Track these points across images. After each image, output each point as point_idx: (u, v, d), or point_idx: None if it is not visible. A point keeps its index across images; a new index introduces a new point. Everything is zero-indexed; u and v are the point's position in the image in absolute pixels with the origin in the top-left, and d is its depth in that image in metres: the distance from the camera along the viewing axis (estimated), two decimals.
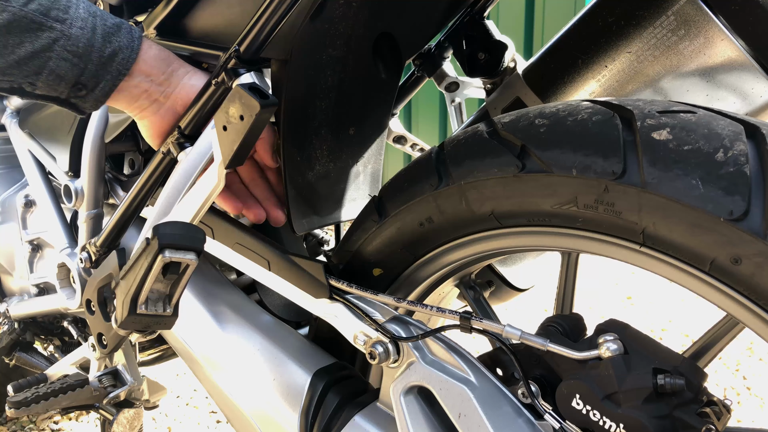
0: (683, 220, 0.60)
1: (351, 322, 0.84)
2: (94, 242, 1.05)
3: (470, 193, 0.75)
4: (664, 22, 0.83)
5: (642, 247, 0.65)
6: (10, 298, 1.53)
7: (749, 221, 0.57)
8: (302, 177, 0.92)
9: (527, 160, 0.70)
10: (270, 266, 0.91)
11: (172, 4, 0.89)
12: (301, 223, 0.93)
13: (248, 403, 0.98)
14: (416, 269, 0.88)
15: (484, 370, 0.77)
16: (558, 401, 0.72)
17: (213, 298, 1.07)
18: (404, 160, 4.14)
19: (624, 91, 0.88)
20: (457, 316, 0.75)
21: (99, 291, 0.98)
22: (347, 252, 0.91)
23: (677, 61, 0.83)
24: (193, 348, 1.06)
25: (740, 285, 0.59)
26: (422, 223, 0.81)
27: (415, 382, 0.80)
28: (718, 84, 0.83)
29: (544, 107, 0.74)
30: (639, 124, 0.64)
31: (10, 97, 1.41)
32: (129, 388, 1.22)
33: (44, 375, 1.37)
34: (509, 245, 0.79)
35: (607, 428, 0.68)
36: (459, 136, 0.80)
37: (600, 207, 0.66)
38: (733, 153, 0.59)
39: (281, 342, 0.99)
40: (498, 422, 0.72)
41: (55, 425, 2.03)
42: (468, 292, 0.95)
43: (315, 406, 0.90)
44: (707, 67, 0.82)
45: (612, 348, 0.68)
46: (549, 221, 0.71)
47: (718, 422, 0.65)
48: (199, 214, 0.87)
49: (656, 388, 0.66)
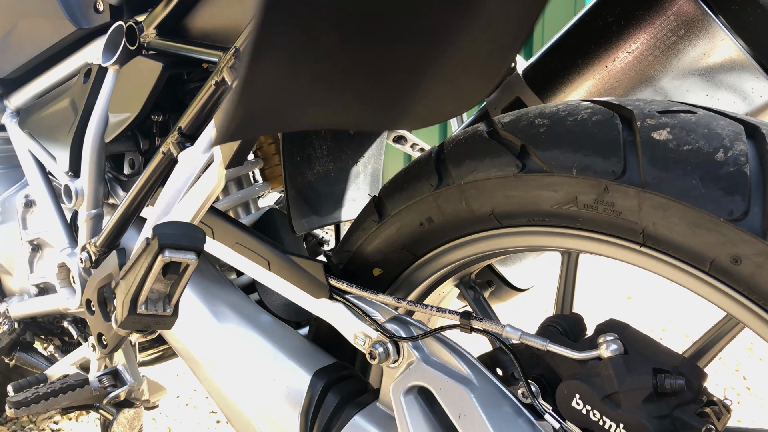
0: (683, 220, 0.60)
1: (351, 322, 0.84)
2: (94, 242, 1.05)
3: (470, 193, 0.75)
4: (664, 22, 0.83)
5: (642, 247, 0.65)
6: (10, 298, 1.53)
7: (749, 221, 0.57)
8: (302, 177, 0.92)
9: (527, 160, 0.70)
10: (270, 266, 0.91)
11: (172, 4, 0.90)
12: (301, 223, 0.93)
13: (248, 403, 0.98)
14: (416, 269, 0.88)
15: (484, 370, 0.77)
16: (558, 401, 0.72)
17: (213, 298, 1.07)
18: (404, 160, 4.14)
19: (624, 91, 0.88)
20: (457, 316, 0.75)
21: (99, 291, 0.98)
22: (347, 252, 0.91)
23: (677, 61, 0.83)
24: (193, 348, 1.06)
25: (740, 285, 0.59)
26: (422, 223, 0.81)
27: (415, 382, 0.79)
28: (718, 84, 0.83)
29: (544, 107, 0.74)
30: (639, 124, 0.64)
31: (10, 96, 1.41)
32: (129, 388, 1.22)
33: (44, 375, 1.37)
34: (509, 245, 0.79)
35: (607, 428, 0.68)
36: (459, 136, 0.80)
37: (600, 207, 0.66)
38: (733, 153, 0.59)
39: (281, 342, 0.99)
40: (498, 422, 0.72)
41: (55, 425, 2.03)
42: (468, 292, 0.95)
43: (315, 406, 0.90)
44: (707, 66, 0.82)
45: (612, 348, 0.68)
46: (549, 221, 0.71)
47: (718, 422, 0.65)
48: (199, 214, 0.87)
49: (656, 388, 0.66)
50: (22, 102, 1.39)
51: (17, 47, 1.28)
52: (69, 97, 1.18)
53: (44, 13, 1.18)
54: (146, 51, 0.98)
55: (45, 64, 1.27)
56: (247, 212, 1.23)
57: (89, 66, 1.14)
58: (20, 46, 1.27)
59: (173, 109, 1.07)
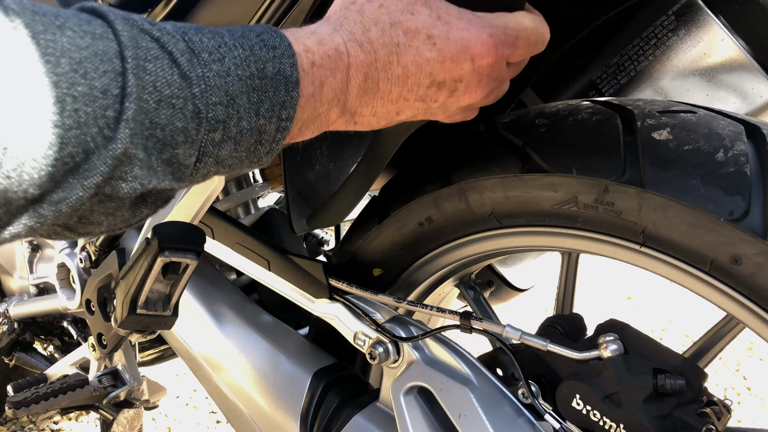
0: (683, 220, 0.60)
1: (351, 322, 0.84)
2: (93, 242, 1.05)
3: (470, 193, 0.75)
4: (665, 22, 0.83)
5: (642, 247, 0.65)
6: (10, 298, 1.52)
7: (749, 221, 0.57)
8: (302, 177, 0.92)
9: (527, 160, 0.70)
10: (270, 266, 0.91)
11: (172, 5, 0.89)
12: (301, 223, 0.93)
13: (248, 404, 0.98)
14: (416, 269, 0.88)
15: (484, 371, 0.77)
16: (558, 401, 0.72)
17: (213, 299, 1.07)
18: None
19: (624, 91, 0.88)
20: (457, 316, 0.75)
21: (99, 291, 0.98)
22: (347, 252, 0.91)
23: (677, 61, 0.83)
24: (193, 348, 1.06)
25: (740, 285, 0.59)
26: (422, 223, 0.81)
27: (415, 383, 0.79)
28: (719, 84, 0.83)
29: (545, 107, 0.74)
30: (639, 124, 0.64)
31: None
32: (129, 388, 1.22)
33: (44, 375, 1.37)
34: (509, 245, 0.79)
35: (607, 428, 0.68)
36: (459, 135, 0.79)
37: (600, 207, 0.66)
38: (733, 153, 0.59)
39: (281, 342, 0.99)
40: (498, 422, 0.72)
41: (55, 425, 2.03)
42: (468, 292, 0.95)
43: (315, 407, 0.90)
44: (707, 67, 0.82)
45: (612, 348, 0.68)
46: (549, 221, 0.71)
47: (719, 422, 0.65)
48: (199, 214, 0.87)
49: (656, 389, 0.66)
50: None
51: None
52: None
53: None
54: None
55: None
56: (247, 212, 1.23)
57: None
58: None
59: None
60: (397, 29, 0.53)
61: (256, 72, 0.47)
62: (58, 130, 0.37)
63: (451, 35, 0.53)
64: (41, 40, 0.37)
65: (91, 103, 0.39)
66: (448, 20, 0.54)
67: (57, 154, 0.38)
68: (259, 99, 0.47)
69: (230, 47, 0.47)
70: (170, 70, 0.43)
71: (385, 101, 0.55)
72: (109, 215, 0.43)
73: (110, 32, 0.41)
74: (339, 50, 0.52)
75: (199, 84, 0.44)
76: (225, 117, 0.45)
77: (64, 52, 0.38)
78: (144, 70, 0.41)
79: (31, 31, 0.37)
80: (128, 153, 0.41)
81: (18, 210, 0.38)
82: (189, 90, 0.43)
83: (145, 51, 0.42)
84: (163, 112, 0.42)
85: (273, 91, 0.48)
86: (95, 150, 0.39)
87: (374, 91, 0.54)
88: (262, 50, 0.48)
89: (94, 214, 0.42)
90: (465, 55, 0.54)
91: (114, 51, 0.41)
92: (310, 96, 0.51)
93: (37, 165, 0.37)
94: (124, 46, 0.41)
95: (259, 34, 0.49)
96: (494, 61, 0.55)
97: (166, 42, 0.43)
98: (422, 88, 0.55)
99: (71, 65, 0.38)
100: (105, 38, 0.41)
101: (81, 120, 0.38)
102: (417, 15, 0.53)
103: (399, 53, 0.53)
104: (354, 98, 0.53)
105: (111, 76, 0.40)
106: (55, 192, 0.39)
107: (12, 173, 0.36)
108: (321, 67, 0.51)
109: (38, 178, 0.37)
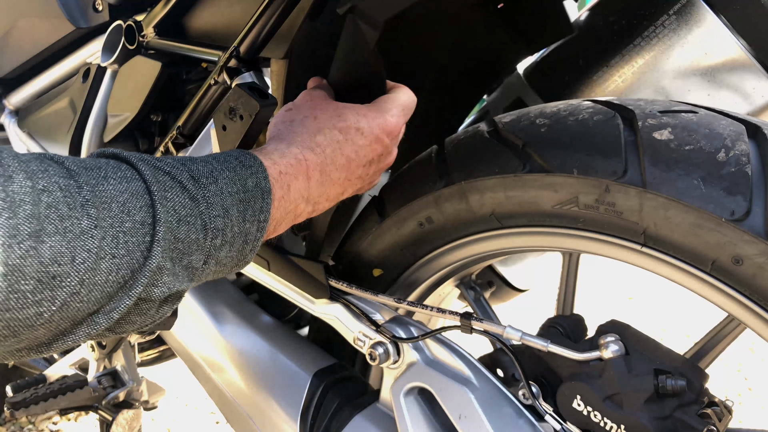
0: (684, 221, 0.60)
1: (351, 323, 0.83)
2: None
3: (471, 194, 0.75)
4: (665, 22, 0.82)
5: (643, 248, 0.65)
6: None
7: (751, 221, 0.57)
8: None
9: (528, 159, 0.70)
10: (270, 266, 0.90)
11: (171, 3, 0.89)
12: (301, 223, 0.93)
13: (248, 404, 0.98)
14: (416, 270, 0.88)
15: (484, 371, 0.76)
16: (559, 402, 0.72)
17: (212, 299, 1.07)
18: None
19: (625, 90, 0.87)
20: (457, 316, 0.75)
21: None
22: (347, 252, 0.91)
23: (678, 61, 0.83)
24: (192, 348, 1.06)
25: (741, 285, 0.59)
26: (422, 223, 0.81)
27: (416, 383, 0.79)
28: (720, 84, 0.83)
29: (545, 107, 0.73)
30: (640, 124, 0.64)
31: (9, 96, 1.40)
32: (128, 388, 1.22)
33: (43, 376, 1.36)
34: (510, 246, 0.78)
35: (608, 429, 0.68)
36: (459, 135, 0.79)
37: (601, 207, 0.65)
38: (734, 153, 0.59)
39: (281, 342, 0.99)
40: (498, 423, 0.72)
41: (54, 426, 2.03)
42: (468, 293, 0.94)
43: (315, 407, 0.89)
44: (709, 66, 0.82)
45: (613, 349, 0.68)
46: (550, 221, 0.71)
47: (720, 423, 0.65)
48: None
49: (657, 389, 0.66)
50: (21, 102, 1.38)
51: (16, 47, 1.27)
52: (68, 97, 1.18)
53: (43, 12, 1.18)
54: (145, 50, 0.98)
55: (44, 63, 1.27)
56: None
57: (88, 65, 1.14)
58: (19, 46, 1.27)
59: (172, 109, 1.07)
60: (333, 131, 0.68)
61: (241, 187, 0.59)
62: (116, 261, 0.48)
63: (371, 123, 0.70)
64: (97, 192, 0.48)
65: (135, 233, 0.49)
66: (365, 113, 0.70)
67: (114, 278, 0.48)
68: (245, 208, 0.59)
69: (219, 171, 0.58)
70: (182, 195, 0.54)
71: (336, 186, 0.69)
72: (142, 315, 0.52)
73: (136, 174, 0.52)
74: (297, 158, 0.65)
75: (203, 203, 0.55)
76: (223, 226, 0.56)
77: (113, 198, 0.49)
78: (166, 199, 0.52)
79: (90, 187, 0.48)
80: (160, 265, 0.51)
81: (80, 321, 0.48)
82: (197, 208, 0.54)
83: (163, 183, 0.53)
84: (182, 229, 0.53)
85: (253, 200, 0.59)
86: (139, 269, 0.50)
87: (329, 182, 0.68)
88: (242, 169, 0.60)
89: (131, 315, 0.51)
90: (383, 134, 0.71)
91: (143, 189, 0.51)
92: (281, 198, 0.63)
93: (102, 290, 0.47)
94: (149, 183, 0.52)
95: (236, 157, 0.61)
96: (399, 131, 0.73)
97: (175, 174, 0.54)
98: (360, 167, 0.70)
99: (119, 207, 0.49)
100: (134, 180, 0.51)
101: (129, 249, 0.49)
102: (343, 117, 0.69)
103: (341, 147, 0.68)
104: (314, 191, 0.67)
105: (145, 209, 0.51)
106: (108, 304, 0.49)
107: (84, 298, 0.46)
108: (286, 174, 0.64)
109: (101, 298, 0.48)
